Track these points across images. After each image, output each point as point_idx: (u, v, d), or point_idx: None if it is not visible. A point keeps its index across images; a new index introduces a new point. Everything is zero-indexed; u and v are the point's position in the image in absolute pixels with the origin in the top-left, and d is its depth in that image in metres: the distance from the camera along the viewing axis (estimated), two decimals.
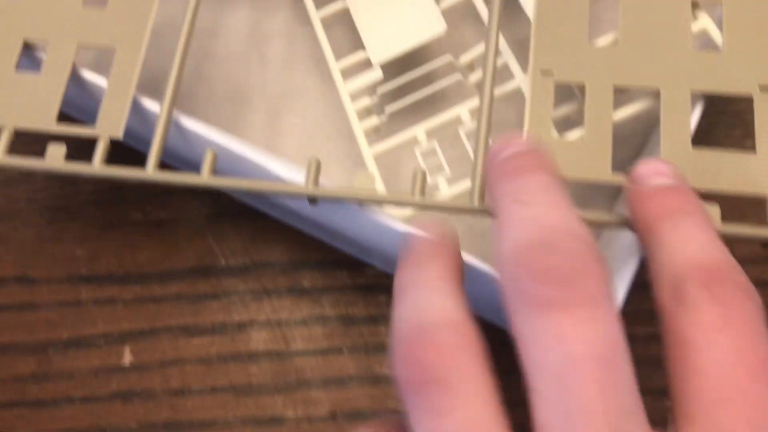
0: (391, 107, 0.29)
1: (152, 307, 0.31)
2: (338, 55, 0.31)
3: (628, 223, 0.21)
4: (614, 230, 0.26)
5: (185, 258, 0.32)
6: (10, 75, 0.27)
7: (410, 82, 0.29)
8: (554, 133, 0.24)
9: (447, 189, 0.27)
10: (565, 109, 0.27)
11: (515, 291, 0.17)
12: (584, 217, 0.21)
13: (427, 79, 0.29)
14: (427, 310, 0.17)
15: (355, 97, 0.30)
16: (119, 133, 0.26)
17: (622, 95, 0.25)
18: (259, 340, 0.30)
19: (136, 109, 0.27)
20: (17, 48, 0.27)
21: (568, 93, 0.26)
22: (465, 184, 0.27)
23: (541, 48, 0.25)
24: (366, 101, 0.30)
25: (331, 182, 0.32)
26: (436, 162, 0.28)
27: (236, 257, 0.32)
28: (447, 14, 0.30)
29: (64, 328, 0.31)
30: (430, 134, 0.28)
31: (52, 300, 0.31)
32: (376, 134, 0.30)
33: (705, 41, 0.26)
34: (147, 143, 0.26)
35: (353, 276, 0.31)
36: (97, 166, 0.25)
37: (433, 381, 0.16)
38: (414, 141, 0.28)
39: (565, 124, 0.26)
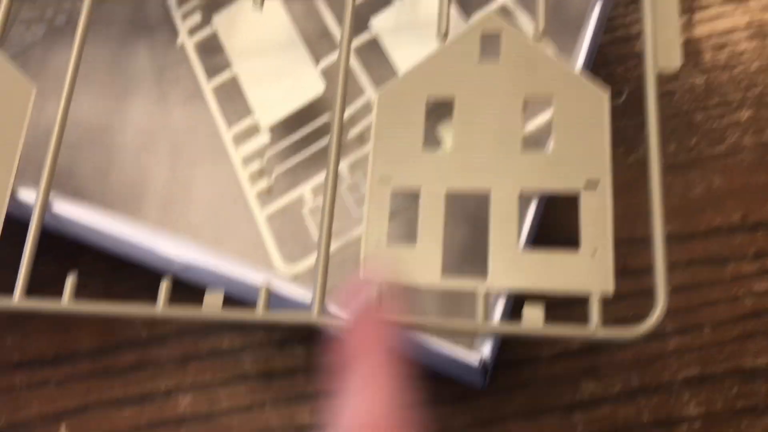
0: (279, 169, 0.30)
1: (83, 383, 0.32)
2: (230, 123, 0.33)
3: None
4: None
5: (110, 333, 0.33)
6: None
7: (295, 143, 0.31)
8: (386, 239, 0.25)
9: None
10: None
11: None
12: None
13: (312, 137, 0.31)
14: (363, 412, 0.20)
15: (247, 161, 0.31)
16: None
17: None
18: (185, 404, 0.32)
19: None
20: None
21: None
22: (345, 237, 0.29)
23: (379, 156, 0.26)
24: (257, 165, 0.31)
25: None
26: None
27: (156, 327, 0.33)
28: (328, 72, 0.32)
29: (0, 414, 0.32)
30: (317, 191, 0.30)
31: None
32: (268, 195, 0.31)
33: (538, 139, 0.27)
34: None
35: (268, 332, 0.32)
36: None
37: None
38: (301, 200, 0.30)
39: None
